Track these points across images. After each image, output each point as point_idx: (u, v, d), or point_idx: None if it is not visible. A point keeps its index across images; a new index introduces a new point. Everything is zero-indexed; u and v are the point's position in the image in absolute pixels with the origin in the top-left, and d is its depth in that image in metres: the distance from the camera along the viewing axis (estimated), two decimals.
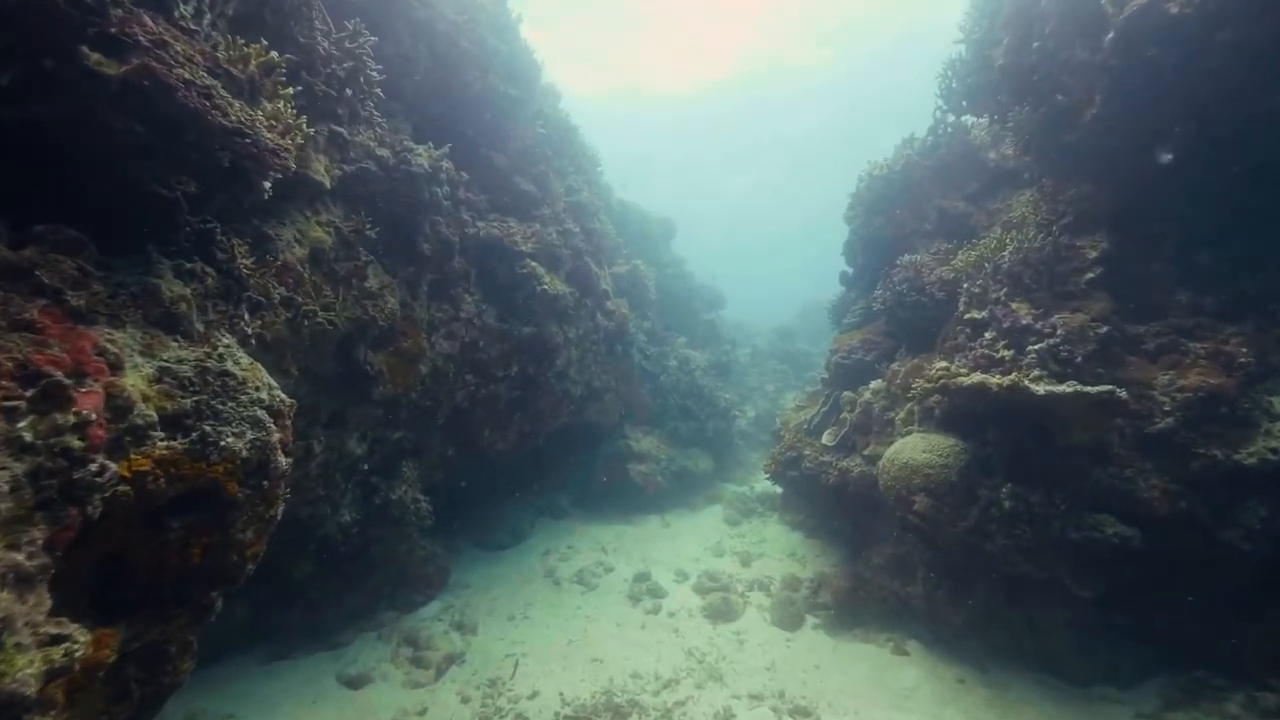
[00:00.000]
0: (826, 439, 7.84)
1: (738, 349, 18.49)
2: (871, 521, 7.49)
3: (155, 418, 2.51)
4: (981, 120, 8.09)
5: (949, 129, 8.34)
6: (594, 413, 10.50)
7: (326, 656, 6.42)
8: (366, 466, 6.32)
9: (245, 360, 3.01)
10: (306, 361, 5.16)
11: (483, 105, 7.59)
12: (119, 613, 2.60)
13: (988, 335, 5.14)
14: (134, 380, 2.49)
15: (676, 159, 47.64)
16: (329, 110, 4.08)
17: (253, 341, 3.31)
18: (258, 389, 2.91)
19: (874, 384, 7.26)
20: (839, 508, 7.78)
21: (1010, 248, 5.25)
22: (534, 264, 7.58)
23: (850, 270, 9.92)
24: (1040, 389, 4.32)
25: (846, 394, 7.71)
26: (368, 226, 5.30)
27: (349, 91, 4.10)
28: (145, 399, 2.51)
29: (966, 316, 5.41)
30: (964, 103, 6.41)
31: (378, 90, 4.55)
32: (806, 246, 69.90)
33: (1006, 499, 5.16)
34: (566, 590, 8.46)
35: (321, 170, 4.81)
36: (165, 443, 2.53)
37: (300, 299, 4.45)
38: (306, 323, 4.43)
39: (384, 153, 5.64)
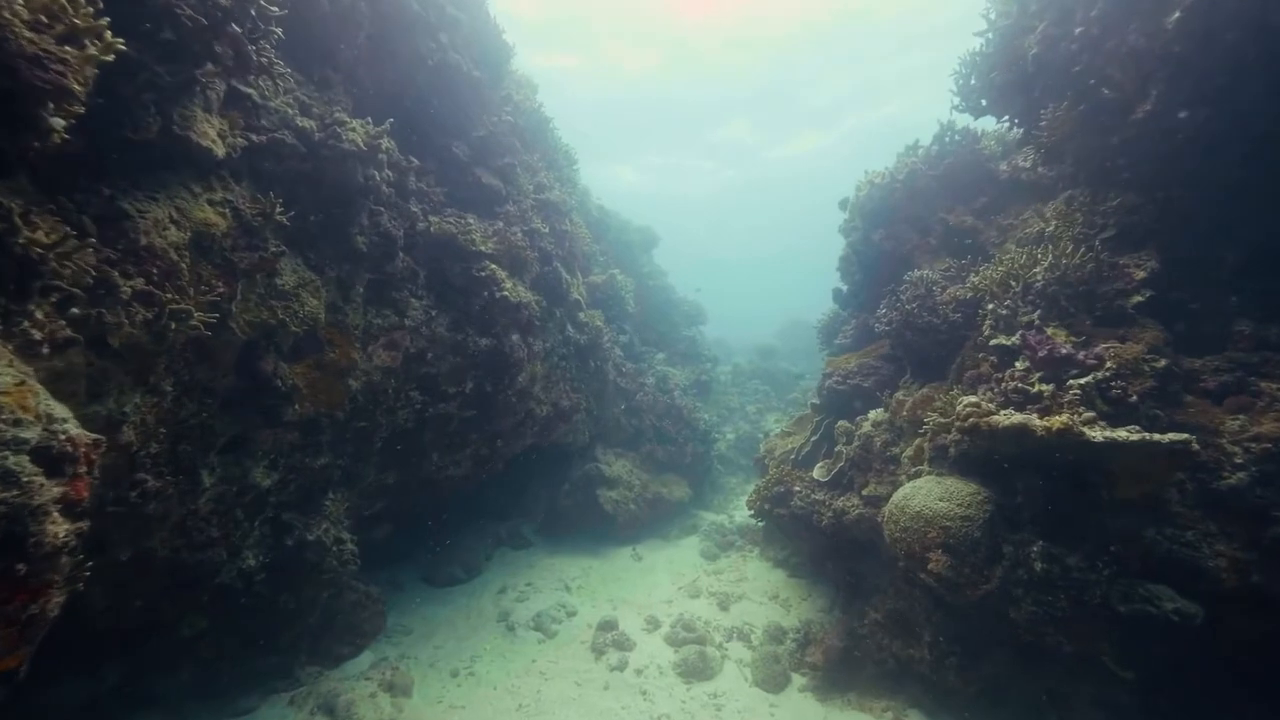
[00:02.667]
0: (819, 473, 6.99)
1: (718, 367, 17.69)
2: (867, 569, 6.63)
3: None
4: (999, 127, 7.41)
5: (956, 137, 7.65)
6: (561, 434, 9.54)
7: None
8: (277, 500, 5.29)
9: (8, 379, 2.03)
10: (192, 374, 4.17)
11: (440, 85, 6.67)
12: None
13: (1019, 365, 4.35)
14: None
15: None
16: (202, 47, 3.13)
17: (45, 349, 2.33)
18: (18, 423, 1.93)
19: (874, 414, 6.44)
20: (832, 552, 6.92)
21: (1045, 264, 4.49)
22: (494, 266, 6.65)
23: (844, 287, 9.16)
24: (1097, 435, 3.53)
25: (842, 423, 6.88)
26: (280, 211, 4.33)
27: (234, 28, 3.17)
28: None
29: (993, 343, 4.62)
30: (983, 102, 5.68)
31: (276, 30, 3.62)
32: (790, 264, 70.23)
33: (1038, 559, 4.34)
34: (521, 638, 7.44)
35: (212, 136, 3.85)
36: None
37: (169, 295, 3.46)
38: (176, 325, 3.44)
39: (306, 124, 4.70)
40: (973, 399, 4.22)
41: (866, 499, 6.07)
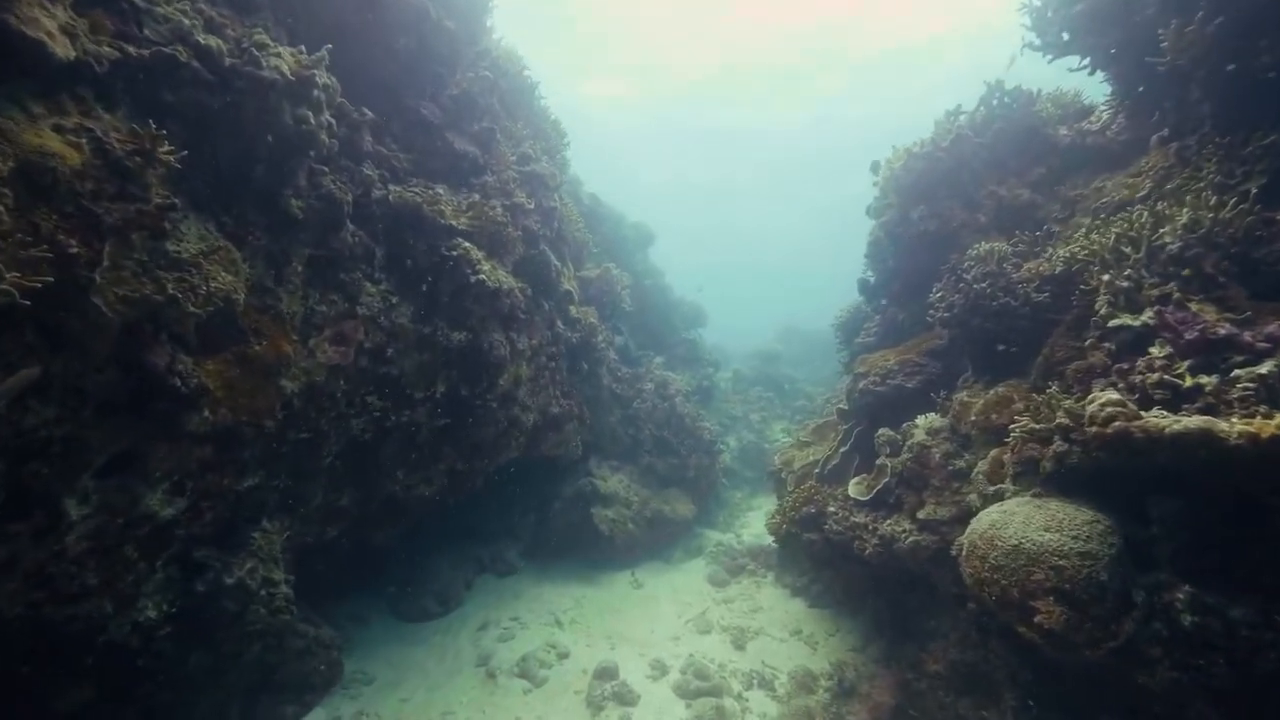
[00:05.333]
0: (855, 491, 5.90)
1: (719, 372, 16.59)
2: (918, 604, 5.54)
3: None
4: (1056, 89, 6.43)
5: (1005, 99, 6.64)
6: (551, 445, 8.40)
7: None
8: (187, 534, 4.13)
9: None
10: (44, 368, 3.03)
11: (404, 31, 5.59)
12: None
13: (1156, 352, 3.31)
14: None
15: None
16: None
17: None
18: None
19: (926, 419, 5.37)
20: (875, 585, 5.82)
21: (1183, 220, 3.45)
22: (468, 245, 5.55)
23: (872, 277, 8.09)
24: None
25: (884, 431, 5.79)
26: (166, 149, 3.22)
27: None
28: None
29: (1112, 324, 3.58)
30: (1065, 35, 4.67)
31: None
32: (790, 271, 69.59)
33: (1185, 610, 3.28)
34: (504, 688, 6.30)
35: (49, 28, 2.74)
36: None
37: None
38: None
39: (212, 42, 3.59)
40: (1113, 396, 3.16)
41: (922, 523, 4.98)
